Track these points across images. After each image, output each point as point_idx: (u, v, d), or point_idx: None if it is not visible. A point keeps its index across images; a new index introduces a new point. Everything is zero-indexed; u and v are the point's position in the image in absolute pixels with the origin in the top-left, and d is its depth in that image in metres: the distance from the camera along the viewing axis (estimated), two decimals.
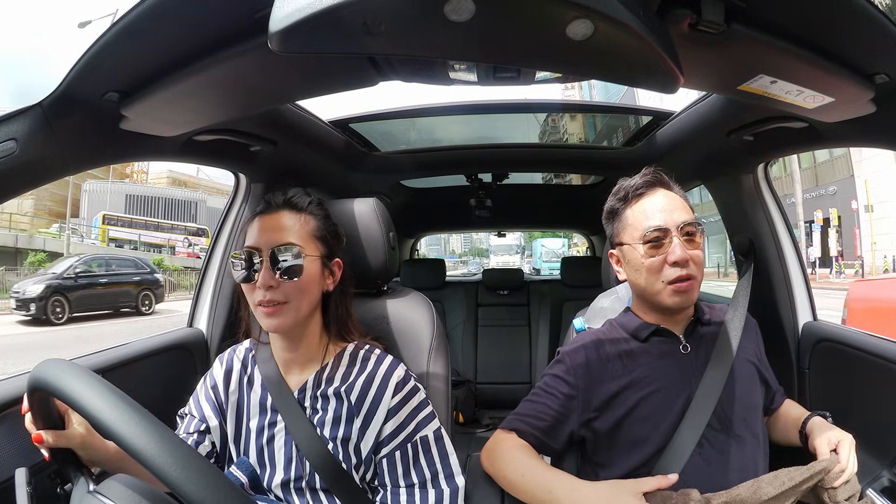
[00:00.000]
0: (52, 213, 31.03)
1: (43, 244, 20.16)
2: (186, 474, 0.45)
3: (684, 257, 0.85)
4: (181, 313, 10.47)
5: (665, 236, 0.87)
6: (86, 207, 32.84)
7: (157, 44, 0.65)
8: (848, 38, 0.62)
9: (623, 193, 0.94)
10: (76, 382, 0.51)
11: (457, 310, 2.85)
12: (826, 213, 16.18)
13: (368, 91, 0.82)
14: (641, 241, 0.88)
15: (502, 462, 0.89)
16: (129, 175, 39.78)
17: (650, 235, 0.87)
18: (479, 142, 1.86)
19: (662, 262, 0.87)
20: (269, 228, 0.82)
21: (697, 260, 0.87)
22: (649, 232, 0.87)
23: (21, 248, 19.51)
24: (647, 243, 0.87)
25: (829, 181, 16.92)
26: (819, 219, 16.10)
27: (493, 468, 0.90)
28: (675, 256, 0.85)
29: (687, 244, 0.86)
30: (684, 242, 0.86)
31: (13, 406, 0.80)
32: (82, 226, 28.41)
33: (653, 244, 0.87)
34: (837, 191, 16.34)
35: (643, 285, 0.91)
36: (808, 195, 17.19)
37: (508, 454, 0.89)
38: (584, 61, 0.55)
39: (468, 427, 2.50)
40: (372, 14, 0.46)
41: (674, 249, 0.86)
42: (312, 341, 0.88)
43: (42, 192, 30.18)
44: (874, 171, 14.76)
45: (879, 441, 0.95)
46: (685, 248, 0.86)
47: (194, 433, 0.88)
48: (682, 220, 0.87)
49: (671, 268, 0.86)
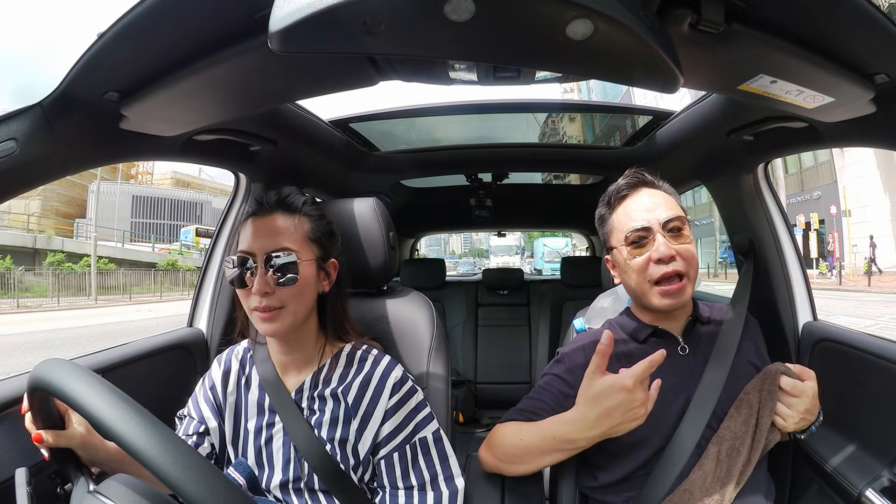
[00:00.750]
0: (59, 214, 31.63)
1: (61, 245, 20.88)
2: (187, 475, 0.45)
3: (668, 253, 0.85)
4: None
5: (648, 235, 0.87)
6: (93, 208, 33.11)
7: (157, 44, 0.65)
8: (848, 38, 0.62)
9: (608, 199, 0.95)
10: (76, 382, 0.51)
11: (457, 310, 2.85)
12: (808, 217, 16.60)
13: (368, 91, 0.82)
14: (625, 242, 0.88)
15: (499, 443, 0.89)
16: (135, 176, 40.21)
17: (632, 236, 0.88)
18: (480, 141, 1.86)
19: (647, 261, 0.87)
20: (262, 232, 0.81)
21: (686, 254, 0.86)
22: (631, 233, 0.88)
23: (39, 249, 20.15)
24: (631, 244, 0.88)
25: (814, 186, 17.41)
26: (801, 223, 16.52)
27: (491, 455, 0.91)
28: (657, 254, 0.85)
29: (672, 240, 0.86)
30: (669, 238, 0.86)
31: (13, 406, 0.80)
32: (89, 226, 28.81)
33: (636, 244, 0.87)
34: (821, 196, 16.79)
35: (633, 287, 0.91)
36: (795, 199, 17.71)
37: (504, 432, 0.90)
38: (584, 61, 0.54)
39: (468, 427, 2.50)
40: (372, 14, 0.46)
41: (657, 247, 0.85)
42: (309, 342, 0.87)
43: (49, 192, 31.07)
44: (853, 178, 15.36)
45: (879, 441, 0.95)
46: (669, 244, 0.85)
47: (193, 435, 0.88)
48: (665, 216, 0.87)
49: (656, 265, 0.86)
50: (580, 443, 0.80)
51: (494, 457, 0.91)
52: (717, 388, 0.86)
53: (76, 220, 30.37)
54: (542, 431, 0.84)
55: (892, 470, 0.90)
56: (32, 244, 20.24)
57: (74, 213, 32.91)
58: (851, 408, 1.03)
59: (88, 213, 32.54)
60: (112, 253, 21.14)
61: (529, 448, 0.85)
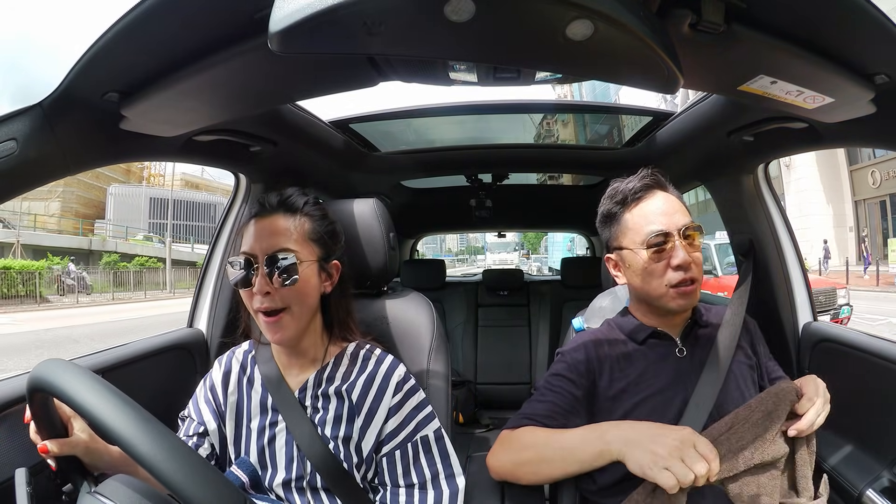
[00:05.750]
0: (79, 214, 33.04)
1: (115, 246, 24.15)
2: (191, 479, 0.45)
3: (687, 260, 0.86)
4: None
5: (667, 240, 0.87)
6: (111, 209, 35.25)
7: (157, 44, 0.65)
8: (848, 38, 0.62)
9: (621, 197, 0.93)
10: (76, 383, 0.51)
11: (457, 310, 2.85)
12: None
13: (368, 91, 0.82)
14: (644, 245, 0.88)
15: (523, 446, 0.87)
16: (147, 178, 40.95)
17: (653, 240, 0.87)
18: (480, 142, 1.85)
19: (666, 266, 0.87)
20: (264, 233, 0.81)
21: (698, 261, 0.88)
22: (652, 236, 0.87)
23: (94, 251, 23.33)
24: (651, 248, 0.87)
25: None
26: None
27: (510, 460, 0.88)
28: (678, 260, 0.86)
29: (688, 247, 0.87)
30: (685, 245, 0.87)
31: (13, 406, 0.80)
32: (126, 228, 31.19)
33: (656, 248, 0.87)
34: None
35: (646, 289, 0.90)
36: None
37: (525, 436, 0.88)
38: (585, 61, 0.55)
39: (468, 427, 2.50)
40: (372, 14, 0.46)
41: (677, 253, 0.86)
42: (313, 342, 0.87)
43: (68, 194, 33.04)
44: (798, 192, 16.78)
45: (879, 441, 0.95)
46: (687, 251, 0.86)
47: (193, 436, 0.88)
48: (682, 223, 0.87)
49: (675, 272, 0.86)
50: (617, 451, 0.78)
51: (513, 462, 0.88)
52: (714, 390, 0.86)
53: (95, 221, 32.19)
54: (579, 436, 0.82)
55: (892, 470, 0.90)
56: (88, 246, 23.61)
57: (93, 214, 34.38)
58: (851, 408, 1.03)
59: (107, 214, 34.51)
60: (157, 253, 24.26)
61: (566, 450, 0.82)
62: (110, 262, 21.29)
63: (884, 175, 10.90)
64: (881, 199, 11.24)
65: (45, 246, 20.93)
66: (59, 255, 19.42)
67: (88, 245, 23.65)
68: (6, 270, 14.76)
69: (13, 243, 19.87)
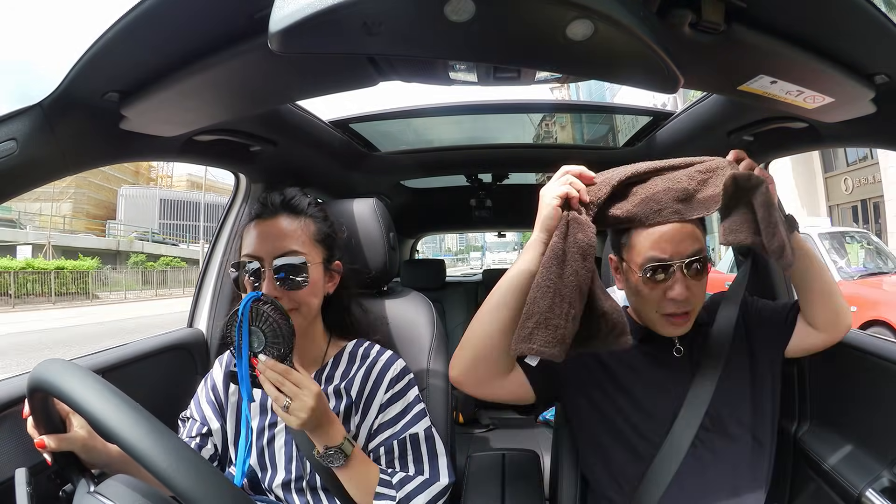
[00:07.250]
0: (89, 215, 34.10)
1: (142, 247, 26.42)
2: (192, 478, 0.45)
3: (684, 295, 0.80)
4: None
5: (667, 271, 0.81)
6: (122, 210, 36.28)
7: (157, 44, 0.65)
8: (848, 38, 0.62)
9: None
10: (76, 383, 0.51)
11: (457, 310, 2.84)
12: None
13: (368, 91, 0.82)
14: (641, 269, 0.82)
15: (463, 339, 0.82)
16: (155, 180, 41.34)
17: (651, 267, 0.81)
18: (480, 142, 1.85)
19: (662, 296, 0.82)
20: (269, 235, 0.80)
21: (699, 292, 0.83)
22: (650, 265, 0.81)
23: (121, 251, 25.35)
24: (647, 274, 0.82)
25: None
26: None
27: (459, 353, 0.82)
28: (674, 294, 0.80)
29: (690, 279, 0.81)
30: (686, 278, 0.81)
31: (13, 406, 0.80)
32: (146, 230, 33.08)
33: (652, 277, 0.81)
34: None
35: (638, 309, 0.90)
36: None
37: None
38: (585, 62, 0.55)
39: (468, 427, 2.49)
40: (372, 14, 0.46)
41: (673, 286, 0.81)
42: (314, 342, 0.87)
43: (79, 195, 34.26)
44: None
45: (879, 441, 0.95)
46: (686, 285, 0.80)
47: (196, 436, 0.88)
48: (689, 251, 0.80)
49: (670, 302, 0.82)
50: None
51: (463, 347, 0.82)
52: (710, 388, 0.85)
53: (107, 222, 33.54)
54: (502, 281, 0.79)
55: (892, 470, 0.90)
56: (116, 247, 25.71)
57: (103, 215, 35.38)
58: (851, 408, 1.03)
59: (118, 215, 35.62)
60: (181, 253, 26.59)
61: (494, 303, 0.78)
62: (138, 261, 23.17)
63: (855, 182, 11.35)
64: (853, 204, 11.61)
65: (76, 247, 22.49)
66: (90, 256, 20.58)
67: (116, 246, 25.79)
68: (60, 270, 16.59)
69: (44, 244, 21.21)
